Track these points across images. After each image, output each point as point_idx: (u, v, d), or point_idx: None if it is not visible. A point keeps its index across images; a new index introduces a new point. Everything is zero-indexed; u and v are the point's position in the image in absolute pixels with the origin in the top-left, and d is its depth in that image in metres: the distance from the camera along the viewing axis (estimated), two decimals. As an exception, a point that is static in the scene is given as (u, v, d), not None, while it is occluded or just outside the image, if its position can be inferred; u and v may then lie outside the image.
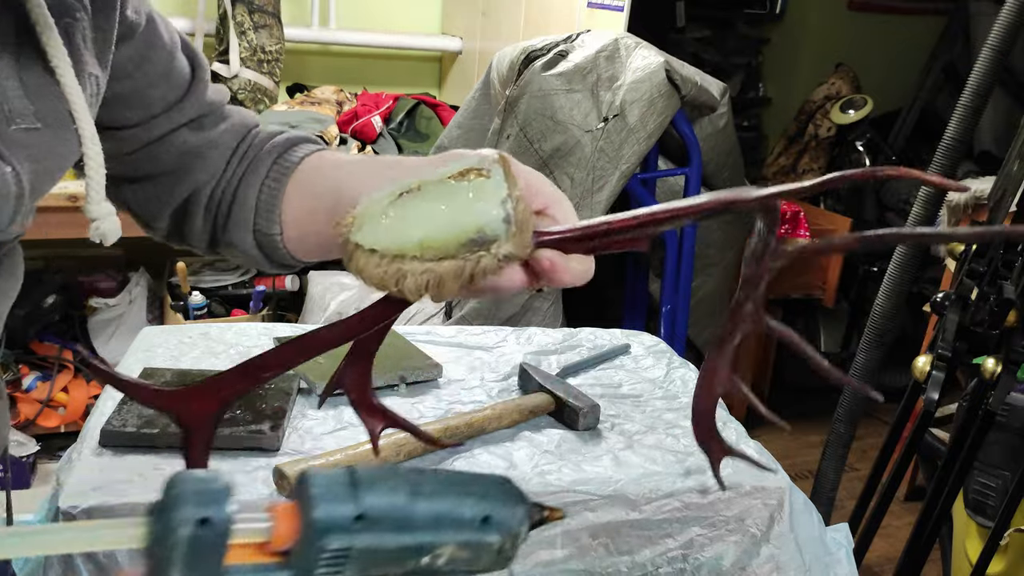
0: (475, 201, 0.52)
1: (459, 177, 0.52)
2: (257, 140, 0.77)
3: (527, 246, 0.53)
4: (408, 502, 0.45)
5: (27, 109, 0.58)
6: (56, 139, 0.61)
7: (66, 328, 2.52)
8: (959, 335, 1.50)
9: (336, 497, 0.43)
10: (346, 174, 0.69)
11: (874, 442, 2.84)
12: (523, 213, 0.52)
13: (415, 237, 0.51)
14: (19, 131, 0.58)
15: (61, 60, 0.59)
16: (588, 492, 0.99)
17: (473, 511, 0.46)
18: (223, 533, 0.41)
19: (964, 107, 1.61)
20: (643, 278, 2.29)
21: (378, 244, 0.51)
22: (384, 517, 0.44)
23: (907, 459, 1.67)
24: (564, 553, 0.99)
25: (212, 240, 0.78)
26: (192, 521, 0.40)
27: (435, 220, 0.51)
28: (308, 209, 0.72)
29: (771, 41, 3.75)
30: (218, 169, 0.75)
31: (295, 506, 0.43)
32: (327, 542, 0.42)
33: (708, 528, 1.02)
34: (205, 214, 0.76)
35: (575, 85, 1.86)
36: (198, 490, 0.41)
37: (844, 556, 1.09)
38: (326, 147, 0.77)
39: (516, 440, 1.08)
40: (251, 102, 2.63)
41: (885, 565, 2.33)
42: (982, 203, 2.14)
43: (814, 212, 3.06)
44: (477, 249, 0.51)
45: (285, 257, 0.75)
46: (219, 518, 0.41)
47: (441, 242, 0.51)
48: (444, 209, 0.51)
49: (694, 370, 1.34)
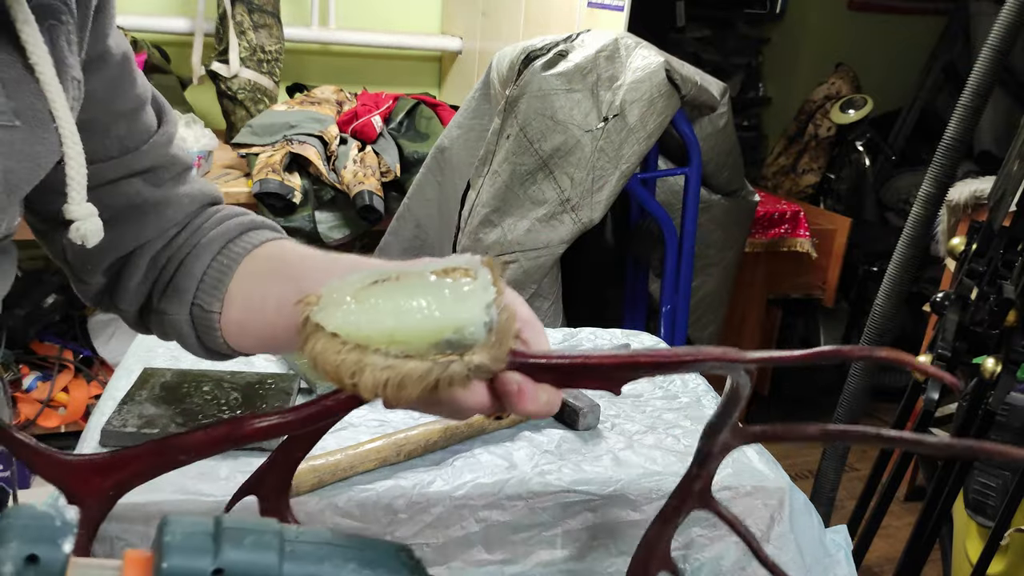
0: (457, 301, 0.48)
1: (442, 274, 0.49)
2: (217, 216, 0.74)
3: (502, 361, 0.49)
4: (277, 560, 0.40)
5: (5, 106, 0.57)
6: (34, 137, 0.59)
7: (66, 328, 2.52)
8: (959, 335, 1.50)
9: (193, 548, 0.39)
10: (309, 267, 0.66)
11: (874, 442, 2.84)
12: (506, 324, 0.49)
13: (384, 328, 0.46)
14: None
15: (41, 57, 0.58)
16: (588, 492, 1.00)
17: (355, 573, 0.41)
18: (53, 571, 0.36)
19: (964, 107, 1.61)
20: (643, 278, 2.29)
21: (341, 329, 0.46)
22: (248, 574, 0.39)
23: (907, 459, 1.67)
24: (564, 553, 0.99)
25: (145, 306, 0.75)
26: (17, 559, 0.36)
27: (410, 313, 0.47)
28: (259, 295, 0.68)
29: (771, 41, 3.75)
30: (166, 229, 0.73)
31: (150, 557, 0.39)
32: None
33: (708, 528, 1.02)
34: (146, 273, 0.73)
35: (575, 85, 1.86)
36: (29, 525, 0.37)
37: (843, 558, 1.09)
38: (286, 236, 0.74)
39: (516, 440, 1.08)
40: (251, 102, 2.63)
41: (885, 565, 2.33)
42: (982, 203, 2.14)
43: (814, 212, 3.06)
44: (450, 353, 0.47)
45: (217, 341, 0.71)
46: (50, 558, 0.36)
47: (412, 338, 0.46)
48: (421, 304, 0.47)
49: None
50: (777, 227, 2.70)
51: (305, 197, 2.39)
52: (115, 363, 2.43)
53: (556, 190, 1.86)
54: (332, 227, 2.44)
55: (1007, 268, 1.45)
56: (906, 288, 1.79)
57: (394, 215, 2.39)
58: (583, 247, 1.98)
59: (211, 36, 2.65)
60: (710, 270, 2.29)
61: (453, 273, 0.49)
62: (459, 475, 0.99)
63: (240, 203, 2.58)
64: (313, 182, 2.41)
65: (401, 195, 2.42)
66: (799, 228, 2.71)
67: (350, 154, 2.42)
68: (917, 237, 1.74)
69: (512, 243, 1.87)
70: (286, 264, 0.69)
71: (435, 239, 2.36)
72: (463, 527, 0.96)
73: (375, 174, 2.41)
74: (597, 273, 2.27)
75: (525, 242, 1.86)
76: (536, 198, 1.87)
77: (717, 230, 2.25)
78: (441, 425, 1.04)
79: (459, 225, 1.99)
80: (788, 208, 2.70)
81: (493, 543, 0.97)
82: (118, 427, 1.02)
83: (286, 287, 0.65)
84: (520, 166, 1.87)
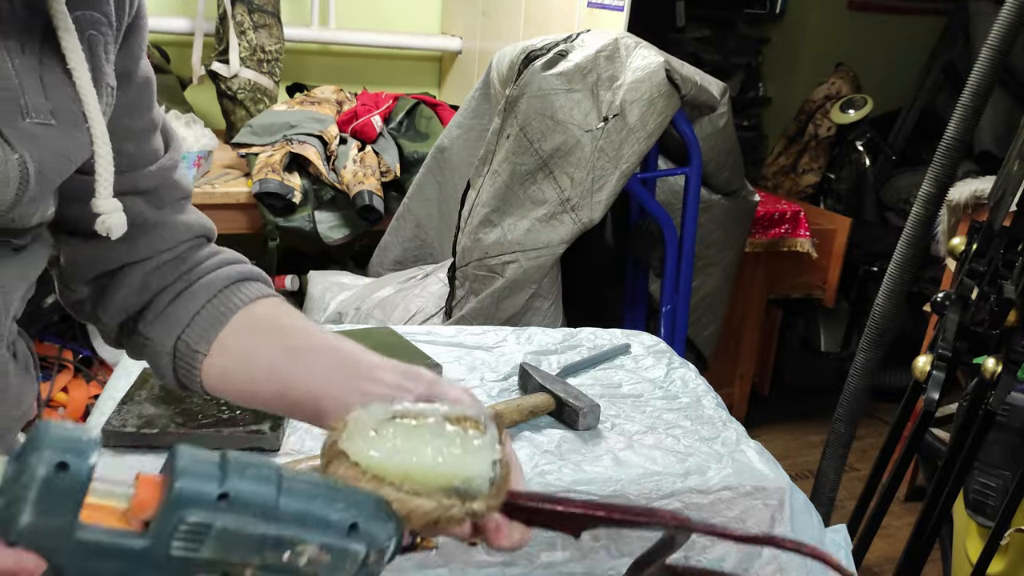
0: (467, 454, 0.54)
1: (455, 422, 0.55)
2: (216, 258, 0.78)
3: (495, 509, 0.55)
4: (275, 493, 0.45)
5: (43, 106, 0.63)
6: (67, 136, 0.64)
7: (66, 328, 2.52)
8: (959, 335, 1.49)
9: (202, 473, 0.43)
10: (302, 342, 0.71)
11: (874, 442, 2.84)
12: (505, 479, 0.55)
13: (400, 466, 0.52)
14: (33, 124, 0.62)
15: (78, 63, 0.63)
16: (588, 492, 0.99)
17: (341, 516, 0.47)
18: (81, 483, 0.41)
19: (964, 107, 1.61)
20: (643, 278, 2.29)
21: (362, 459, 0.52)
22: (249, 502, 0.44)
23: (907, 459, 1.67)
24: (565, 555, 0.99)
25: (125, 324, 0.77)
26: (50, 463, 0.40)
27: (424, 458, 0.53)
28: (248, 351, 0.72)
29: (771, 41, 3.75)
30: (159, 251, 0.76)
31: (162, 479, 0.43)
32: (186, 515, 0.43)
33: (708, 528, 1.02)
34: (135, 292, 0.76)
35: (575, 85, 1.86)
36: (61, 436, 0.41)
37: (843, 557, 1.09)
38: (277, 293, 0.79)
39: (516, 440, 1.08)
40: (251, 102, 2.63)
41: (885, 565, 2.33)
42: (982, 203, 2.13)
43: (814, 212, 3.06)
44: (454, 498, 0.53)
45: (194, 380, 0.74)
46: (78, 467, 0.40)
47: (423, 480, 0.52)
48: (435, 451, 0.53)
49: (694, 370, 1.34)
50: (777, 227, 2.69)
51: (305, 197, 2.39)
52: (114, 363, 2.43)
53: (556, 190, 1.86)
54: (332, 227, 2.44)
55: (1007, 268, 1.44)
56: (906, 288, 1.79)
57: (394, 215, 2.38)
58: (583, 247, 1.98)
59: (211, 36, 2.65)
60: (710, 270, 2.29)
61: (464, 423, 0.55)
62: (459, 475, 0.98)
63: (240, 203, 2.59)
64: (313, 182, 2.41)
65: (401, 195, 2.42)
66: (799, 228, 2.71)
67: (350, 154, 2.42)
68: (917, 237, 1.74)
69: (512, 243, 1.87)
70: (279, 329, 0.73)
71: (435, 239, 2.36)
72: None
73: (375, 174, 2.40)
74: (597, 273, 2.27)
75: (525, 242, 1.86)
76: (536, 198, 1.87)
77: (717, 230, 2.25)
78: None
79: (459, 225, 1.99)
80: (788, 208, 2.70)
81: (493, 543, 0.97)
82: (118, 427, 1.01)
83: (276, 353, 0.70)
84: (520, 166, 1.87)
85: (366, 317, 2.05)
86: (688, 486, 1.02)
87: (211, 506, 0.43)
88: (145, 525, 0.43)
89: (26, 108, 0.62)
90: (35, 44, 0.62)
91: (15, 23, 0.61)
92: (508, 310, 1.89)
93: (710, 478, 1.03)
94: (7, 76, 0.61)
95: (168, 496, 0.43)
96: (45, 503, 0.40)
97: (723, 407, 1.24)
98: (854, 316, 3.32)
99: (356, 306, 2.11)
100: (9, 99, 0.61)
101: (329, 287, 2.31)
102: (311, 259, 2.77)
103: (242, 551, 0.44)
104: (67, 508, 0.41)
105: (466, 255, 1.94)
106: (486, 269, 1.90)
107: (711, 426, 1.16)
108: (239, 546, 0.44)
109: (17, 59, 0.61)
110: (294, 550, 0.45)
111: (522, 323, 1.88)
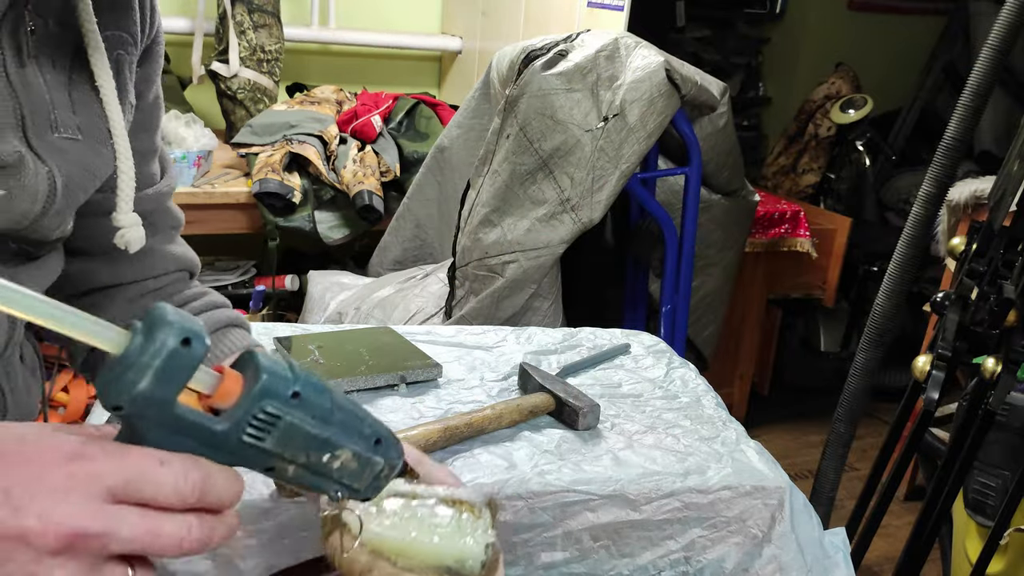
0: (462, 535, 0.58)
1: (451, 504, 0.59)
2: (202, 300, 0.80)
3: None
4: (330, 402, 0.51)
5: (71, 121, 0.64)
6: (93, 152, 0.66)
7: (66, 328, 2.52)
8: (959, 335, 1.49)
9: (281, 373, 0.49)
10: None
11: (874, 442, 2.84)
12: (496, 562, 0.59)
13: (397, 542, 0.56)
14: (61, 139, 0.64)
15: (106, 82, 0.65)
16: (588, 492, 0.99)
17: (370, 430, 0.53)
18: (195, 360, 0.45)
19: (964, 107, 1.61)
20: (643, 278, 2.29)
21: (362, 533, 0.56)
22: (312, 404, 0.50)
23: (907, 459, 1.67)
24: (565, 555, 0.99)
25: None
26: (179, 337, 0.44)
27: (421, 536, 0.57)
28: None
29: (771, 41, 3.75)
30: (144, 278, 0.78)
31: (240, 376, 0.48)
32: (264, 404, 0.47)
33: (709, 529, 1.02)
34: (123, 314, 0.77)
35: (575, 84, 1.86)
36: (182, 317, 0.45)
37: (842, 559, 1.09)
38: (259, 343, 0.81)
39: (516, 440, 1.08)
40: (251, 101, 2.63)
41: (885, 565, 2.33)
42: (982, 203, 2.14)
43: (814, 212, 3.06)
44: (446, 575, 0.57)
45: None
46: (197, 347, 0.45)
47: (419, 558, 0.56)
48: (432, 530, 0.57)
49: (694, 370, 1.34)
50: (777, 227, 2.70)
51: (305, 197, 2.39)
52: (115, 363, 2.43)
53: (556, 190, 1.86)
54: (332, 227, 2.44)
55: (1007, 268, 1.44)
56: (906, 288, 1.79)
57: (394, 215, 2.38)
58: (583, 247, 1.98)
59: (211, 36, 2.65)
60: (710, 270, 2.29)
61: (461, 506, 0.59)
62: (459, 475, 0.98)
63: (240, 203, 2.60)
64: (313, 182, 2.41)
65: (401, 195, 2.42)
66: (799, 228, 2.71)
67: (350, 154, 2.42)
68: (917, 237, 1.74)
69: (512, 243, 1.87)
70: None
71: (435, 239, 2.36)
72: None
73: (375, 174, 2.40)
74: (597, 273, 2.27)
75: (525, 242, 1.86)
76: (536, 198, 1.87)
77: (717, 230, 2.25)
78: (441, 425, 1.04)
79: (459, 225, 1.99)
80: (788, 208, 2.70)
81: (493, 543, 0.97)
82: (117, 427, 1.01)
83: None
84: (520, 166, 1.87)
85: (366, 317, 2.05)
86: (688, 486, 1.02)
87: (285, 401, 0.48)
88: (213, 412, 0.47)
89: (55, 123, 0.63)
90: (65, 60, 0.64)
91: (48, 40, 0.62)
92: (508, 310, 1.90)
93: (710, 478, 1.03)
94: (39, 91, 0.62)
95: (253, 387, 0.47)
96: (164, 374, 0.44)
97: (723, 407, 1.24)
98: (854, 316, 3.32)
99: (356, 306, 2.11)
100: (40, 113, 0.62)
101: (329, 287, 2.31)
102: (311, 259, 2.78)
103: (295, 446, 0.49)
104: (178, 383, 0.45)
105: (466, 255, 1.94)
106: (486, 269, 1.90)
107: (711, 426, 1.16)
108: (295, 441, 0.49)
109: (48, 74, 0.62)
110: (334, 453, 0.51)
111: (522, 323, 1.88)
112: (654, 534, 1.00)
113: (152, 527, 0.43)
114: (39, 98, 0.62)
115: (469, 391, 1.19)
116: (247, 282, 2.63)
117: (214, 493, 0.46)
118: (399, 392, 1.17)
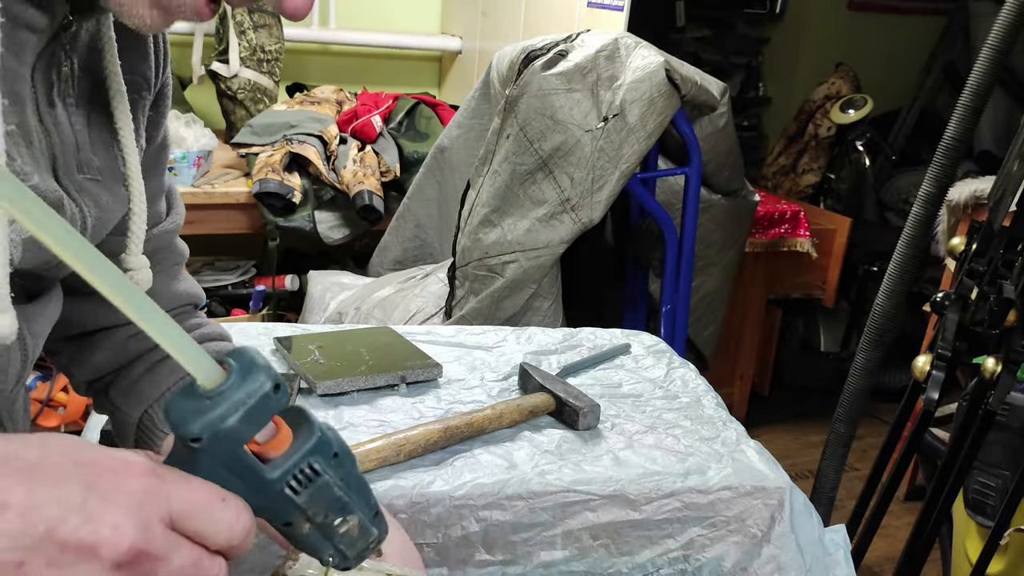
0: None
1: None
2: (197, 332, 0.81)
3: None
4: (355, 468, 0.52)
5: (92, 162, 0.65)
6: (111, 193, 0.67)
7: (66, 328, 2.52)
8: (959, 335, 1.49)
9: (328, 433, 0.50)
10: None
11: (874, 442, 2.84)
12: None
13: None
14: (85, 179, 0.64)
15: (125, 124, 0.66)
16: (588, 492, 0.99)
17: (373, 502, 0.55)
18: (280, 406, 0.46)
19: (964, 107, 1.61)
20: (643, 278, 2.29)
21: None
22: (344, 467, 0.51)
23: (907, 459, 1.67)
24: (564, 554, 0.99)
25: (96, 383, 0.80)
26: (273, 381, 0.45)
27: None
28: None
29: (771, 41, 3.75)
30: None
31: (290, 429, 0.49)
32: (313, 460, 0.48)
33: (709, 528, 1.02)
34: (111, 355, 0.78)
35: (575, 85, 1.86)
36: (270, 364, 0.46)
37: (842, 557, 1.09)
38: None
39: (516, 440, 1.08)
40: (251, 101, 2.63)
41: (885, 565, 2.33)
42: (982, 203, 2.14)
43: (814, 212, 3.06)
44: None
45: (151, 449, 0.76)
46: (283, 391, 0.46)
47: None
48: None
49: (694, 370, 1.34)
50: (777, 227, 2.70)
51: (305, 197, 2.39)
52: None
53: (556, 190, 1.86)
54: (332, 227, 2.44)
55: (1007, 268, 1.44)
56: (906, 288, 1.79)
57: (394, 215, 2.38)
58: (583, 247, 1.98)
59: (211, 36, 2.65)
60: (710, 270, 2.29)
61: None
62: (459, 475, 0.98)
63: (240, 203, 2.59)
64: (313, 182, 2.41)
65: (401, 195, 2.42)
66: (799, 228, 2.71)
67: (350, 154, 2.42)
68: (917, 237, 1.74)
69: (512, 243, 1.87)
70: None
71: (435, 239, 2.36)
72: (463, 527, 0.96)
73: (375, 174, 2.41)
74: (597, 273, 2.27)
75: (525, 242, 1.86)
76: (536, 198, 1.87)
77: (717, 230, 2.25)
78: (441, 425, 1.04)
79: (459, 225, 1.99)
80: (788, 208, 2.70)
81: (493, 543, 0.97)
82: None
83: None
84: (520, 166, 1.87)
85: (366, 317, 2.05)
86: (688, 486, 1.02)
87: (328, 460, 0.49)
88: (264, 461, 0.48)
89: (80, 163, 0.64)
90: (85, 102, 0.64)
91: (72, 81, 0.63)
92: (508, 310, 1.90)
93: (710, 478, 1.03)
94: (67, 131, 0.62)
95: (307, 441, 0.48)
96: (251, 415, 0.44)
97: (723, 407, 1.24)
98: (854, 316, 3.32)
99: (356, 306, 2.11)
100: (69, 153, 0.63)
101: (329, 287, 2.31)
102: (311, 259, 2.78)
103: (320, 504, 0.50)
104: (258, 425, 0.45)
105: (466, 255, 1.94)
106: (486, 269, 1.90)
107: (711, 426, 1.16)
108: (322, 500, 0.50)
109: (73, 116, 0.63)
110: (346, 517, 0.52)
111: (522, 323, 1.88)
112: (653, 533, 1.00)
113: (197, 561, 0.44)
114: (67, 138, 0.62)
115: (469, 391, 1.19)
116: (247, 282, 2.63)
117: (247, 542, 0.46)
118: (399, 392, 1.17)
